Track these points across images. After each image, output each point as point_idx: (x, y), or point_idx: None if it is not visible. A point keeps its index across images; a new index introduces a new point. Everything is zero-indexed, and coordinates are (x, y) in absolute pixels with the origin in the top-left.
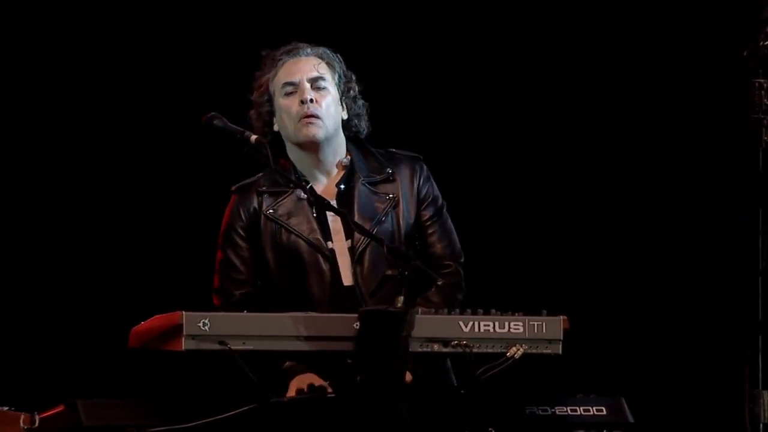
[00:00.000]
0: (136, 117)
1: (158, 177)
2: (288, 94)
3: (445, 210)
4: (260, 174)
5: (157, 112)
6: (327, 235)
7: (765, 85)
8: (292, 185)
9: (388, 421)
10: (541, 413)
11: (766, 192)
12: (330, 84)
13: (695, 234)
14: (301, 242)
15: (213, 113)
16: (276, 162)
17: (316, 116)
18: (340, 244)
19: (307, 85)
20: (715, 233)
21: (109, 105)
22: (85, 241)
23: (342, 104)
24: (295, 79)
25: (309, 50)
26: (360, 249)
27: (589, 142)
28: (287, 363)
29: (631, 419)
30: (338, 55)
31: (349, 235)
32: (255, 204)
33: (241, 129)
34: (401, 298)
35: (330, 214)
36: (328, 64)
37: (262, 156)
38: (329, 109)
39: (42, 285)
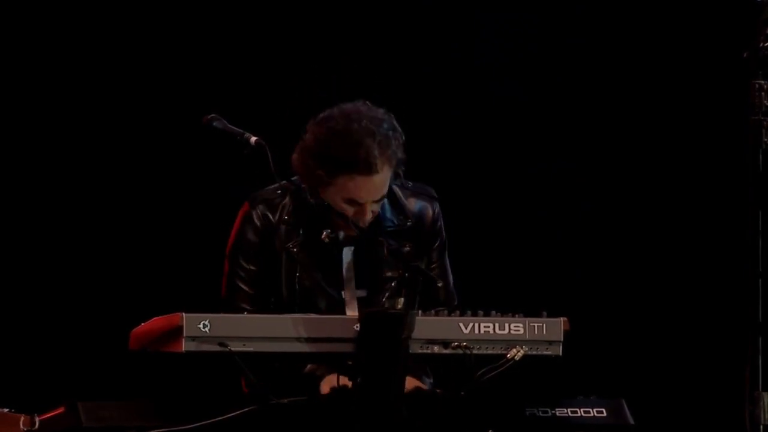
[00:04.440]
0: (136, 118)
1: (159, 179)
2: (347, 202)
3: (446, 250)
4: (280, 190)
5: (158, 113)
6: (340, 284)
7: (765, 86)
8: (313, 228)
9: (388, 423)
10: (541, 415)
11: (767, 194)
12: (388, 184)
13: (696, 236)
14: (318, 289)
15: (213, 115)
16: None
17: (369, 220)
18: (349, 294)
19: (368, 207)
20: (715, 235)
21: (109, 106)
22: (85, 242)
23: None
24: (361, 200)
25: (381, 163)
26: (375, 303)
27: (590, 144)
28: (309, 366)
29: (631, 421)
30: (398, 133)
31: (360, 284)
32: (273, 226)
33: (241, 131)
34: (401, 300)
35: (344, 262)
36: (392, 167)
37: (262, 159)
38: (379, 208)
39: (42, 286)
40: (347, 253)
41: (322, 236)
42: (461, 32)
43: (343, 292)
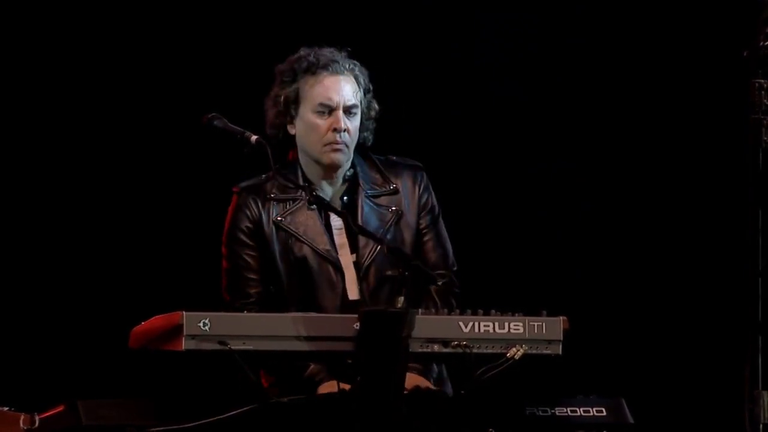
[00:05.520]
0: (136, 117)
1: (159, 177)
2: (320, 113)
3: (440, 218)
4: (264, 175)
5: (158, 112)
6: (334, 249)
7: (765, 85)
8: (300, 192)
9: (388, 422)
10: (541, 414)
11: (766, 192)
12: (359, 108)
13: (695, 234)
14: (313, 254)
15: (213, 114)
16: (283, 158)
17: (346, 144)
18: (345, 258)
19: (342, 113)
20: (715, 234)
21: (109, 105)
22: (85, 241)
23: (362, 123)
24: (332, 103)
25: (346, 65)
26: (366, 264)
27: (590, 144)
28: (310, 369)
29: (630, 420)
30: (366, 71)
31: (353, 248)
32: (261, 208)
33: (241, 129)
34: (401, 299)
35: (335, 228)
36: (360, 84)
37: (263, 157)
38: (355, 135)
39: (42, 285)
40: (336, 219)
41: (308, 199)
42: (461, 32)
43: (339, 258)
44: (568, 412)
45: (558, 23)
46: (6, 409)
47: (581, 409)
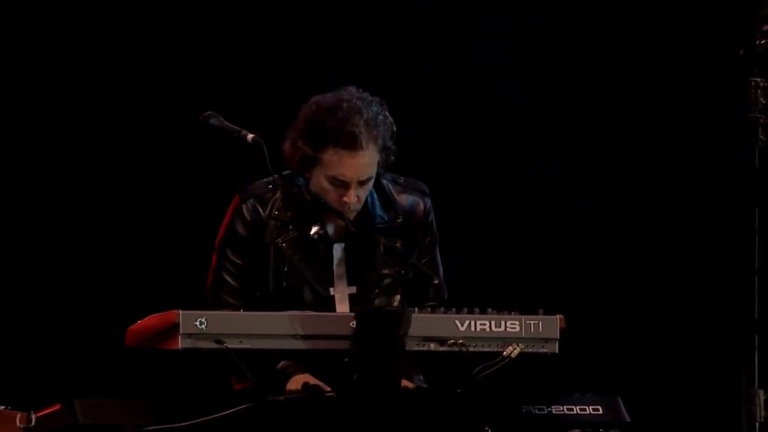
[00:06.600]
0: (133, 116)
1: (155, 176)
2: (332, 184)
3: (437, 245)
4: (271, 185)
5: (156, 111)
6: (330, 280)
7: (762, 84)
8: (303, 224)
9: (384, 421)
10: (537, 412)
11: (763, 191)
12: (375, 169)
13: (692, 233)
14: (305, 284)
15: (210, 112)
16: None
17: (356, 209)
18: (341, 290)
19: (354, 188)
20: (712, 232)
21: (107, 105)
22: (82, 240)
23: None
24: (346, 179)
25: (368, 135)
26: (367, 299)
27: (590, 144)
28: (282, 363)
29: (627, 418)
30: (389, 120)
31: (351, 281)
32: (262, 222)
33: (238, 128)
34: (398, 297)
35: (335, 258)
36: (380, 149)
37: (259, 156)
38: (366, 193)
39: (40, 285)
40: (338, 250)
41: (312, 232)
42: (461, 32)
43: (331, 289)
44: (565, 410)
45: (558, 23)
46: (3, 407)
47: (578, 408)
